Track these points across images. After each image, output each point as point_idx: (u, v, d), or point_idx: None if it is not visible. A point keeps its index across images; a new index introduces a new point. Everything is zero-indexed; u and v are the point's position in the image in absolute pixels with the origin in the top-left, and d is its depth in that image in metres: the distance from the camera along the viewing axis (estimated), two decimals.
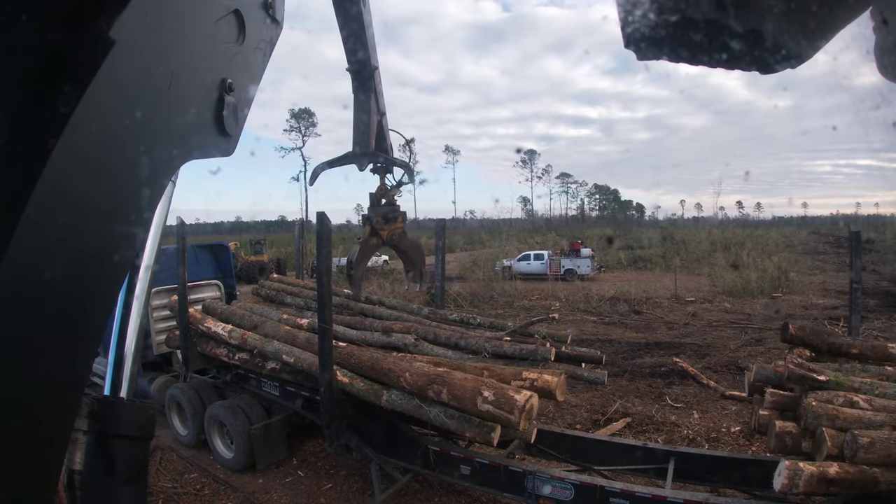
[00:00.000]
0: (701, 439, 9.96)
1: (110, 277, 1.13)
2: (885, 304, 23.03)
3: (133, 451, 1.56)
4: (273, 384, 9.06)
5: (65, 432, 1.13)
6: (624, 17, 1.15)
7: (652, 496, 5.92)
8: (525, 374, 6.48)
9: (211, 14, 1.28)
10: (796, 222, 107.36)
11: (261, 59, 1.54)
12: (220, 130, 1.35)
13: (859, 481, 4.97)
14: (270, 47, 1.59)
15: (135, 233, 1.13)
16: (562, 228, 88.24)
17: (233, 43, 1.38)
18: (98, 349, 1.13)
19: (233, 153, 1.43)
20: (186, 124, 1.26)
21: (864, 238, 46.46)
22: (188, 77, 1.23)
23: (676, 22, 1.09)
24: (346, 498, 8.35)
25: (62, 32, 0.85)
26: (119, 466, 1.52)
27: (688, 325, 20.71)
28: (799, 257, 43.43)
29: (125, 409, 1.58)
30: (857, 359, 7.05)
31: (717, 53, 1.12)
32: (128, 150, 1.06)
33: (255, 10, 1.46)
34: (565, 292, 29.05)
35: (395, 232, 7.33)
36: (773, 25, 1.07)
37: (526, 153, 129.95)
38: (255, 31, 1.46)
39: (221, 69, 1.35)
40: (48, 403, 1.04)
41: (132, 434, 1.55)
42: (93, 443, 1.47)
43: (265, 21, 1.52)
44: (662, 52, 1.17)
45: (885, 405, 5.73)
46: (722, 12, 1.05)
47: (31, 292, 0.92)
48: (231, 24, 1.36)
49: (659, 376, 13.85)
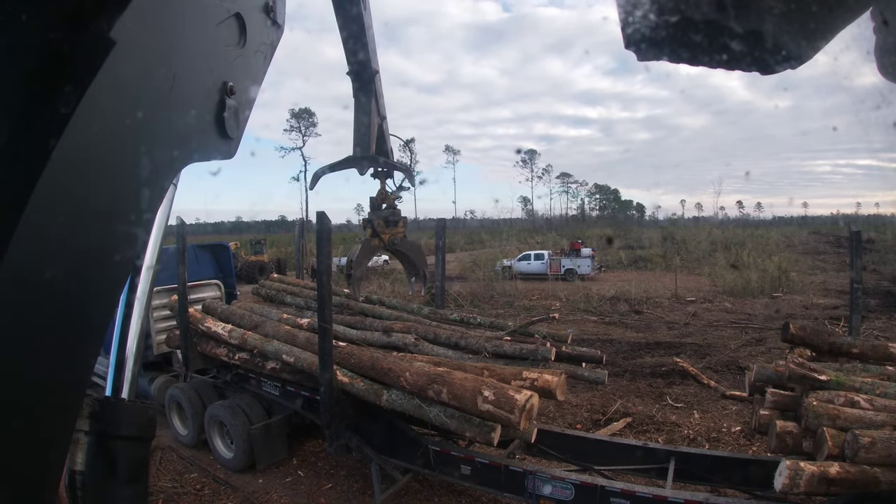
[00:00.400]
0: (701, 439, 9.97)
1: (111, 279, 1.14)
2: (886, 304, 23.02)
3: (134, 452, 1.57)
4: (273, 384, 9.06)
5: (66, 433, 1.13)
6: (624, 18, 1.15)
7: (652, 496, 5.93)
8: (525, 373, 6.47)
9: (212, 17, 1.28)
10: (797, 222, 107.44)
11: (262, 62, 1.54)
12: (221, 133, 1.35)
13: (860, 481, 4.97)
14: (271, 50, 1.60)
15: (136, 234, 1.13)
16: (562, 228, 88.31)
17: (234, 46, 1.38)
18: (100, 350, 1.13)
19: (234, 156, 1.43)
20: (188, 127, 1.26)
21: (865, 238, 46.41)
22: (189, 80, 1.24)
23: (677, 23, 1.08)
24: (347, 498, 8.35)
25: (63, 33, 0.84)
26: (120, 467, 1.53)
27: (688, 325, 20.72)
28: (799, 257, 43.42)
29: (126, 409, 1.60)
30: (857, 358, 7.07)
31: (718, 54, 1.12)
32: (129, 152, 1.07)
33: (257, 14, 1.47)
34: (565, 292, 29.07)
35: (396, 236, 7.35)
36: (773, 26, 1.07)
37: (526, 153, 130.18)
38: (256, 35, 1.46)
39: (223, 72, 1.35)
40: (49, 404, 1.05)
41: (133, 435, 1.56)
42: (94, 443, 1.48)
43: (266, 24, 1.53)
44: (663, 53, 1.17)
45: (886, 405, 5.74)
46: (722, 13, 1.05)
47: (32, 292, 0.92)
48: (232, 28, 1.37)
49: (659, 376, 13.86)
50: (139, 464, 1.59)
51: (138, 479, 1.58)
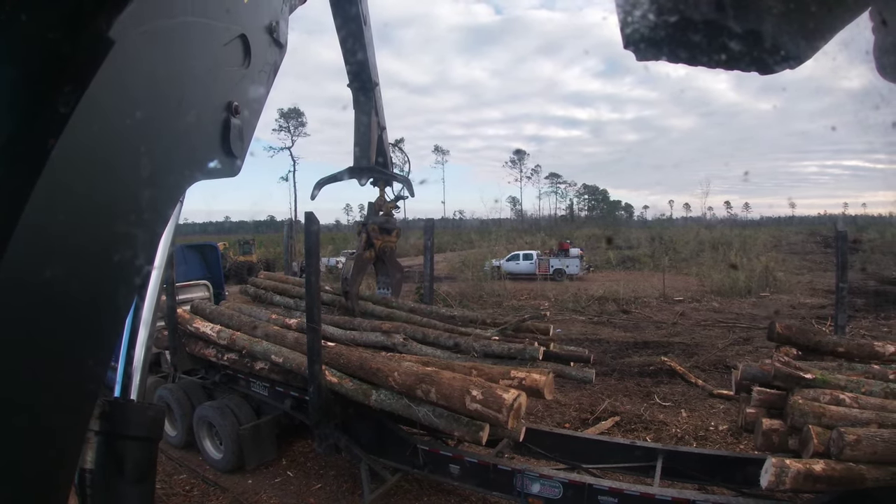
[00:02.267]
0: (689, 437, 10.03)
1: (122, 283, 1.16)
2: (873, 304, 23.21)
3: (142, 452, 1.60)
4: (262, 384, 9.02)
5: (79, 434, 1.15)
6: (623, 18, 1.17)
7: (640, 494, 5.95)
8: (513, 373, 6.49)
9: (219, 39, 1.30)
10: (784, 222, 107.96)
11: (265, 81, 1.57)
12: (227, 152, 1.38)
13: (845, 478, 5.00)
14: (274, 70, 1.63)
15: (146, 246, 1.18)
16: (551, 228, 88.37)
17: (239, 66, 1.41)
18: (112, 353, 1.15)
19: (238, 174, 1.46)
20: (194, 146, 1.28)
21: (852, 238, 46.74)
22: (197, 100, 1.26)
23: (676, 23, 1.10)
24: (336, 498, 8.35)
25: (62, 32, 0.84)
26: (128, 466, 1.56)
27: (676, 325, 20.84)
28: (787, 257, 43.72)
29: (135, 410, 1.62)
30: (843, 357, 7.12)
31: (717, 54, 1.14)
32: (139, 170, 1.08)
33: (260, 34, 1.49)
34: (554, 292, 29.14)
35: (388, 245, 7.37)
36: (772, 26, 1.08)
37: (515, 153, 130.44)
38: (259, 55, 1.49)
39: (228, 92, 1.38)
40: (60, 405, 1.06)
41: (141, 435, 1.59)
42: (103, 443, 1.51)
43: (269, 44, 1.56)
44: (662, 53, 1.19)
45: (872, 403, 5.78)
46: (721, 13, 1.07)
47: (36, 294, 0.93)
48: (237, 48, 1.39)
49: (647, 375, 13.94)
50: (147, 464, 1.62)
51: (146, 478, 1.61)
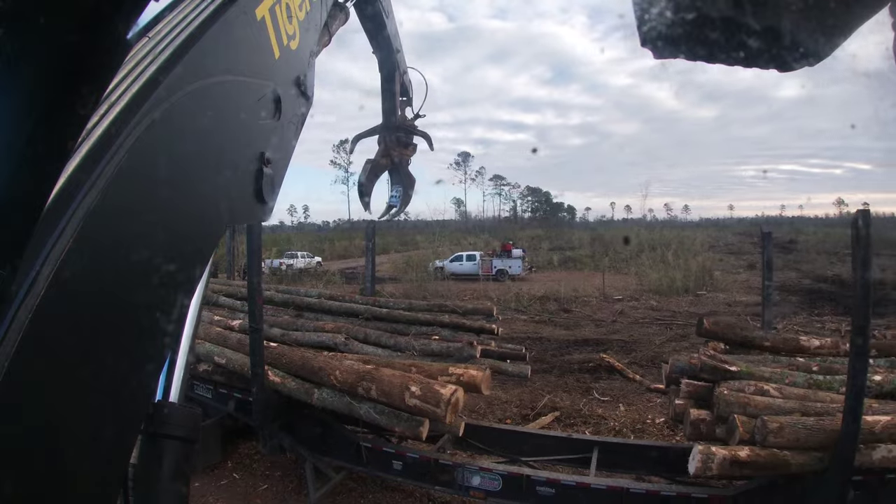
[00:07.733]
0: (627, 431, 10.23)
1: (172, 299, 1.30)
2: (807, 301, 24.03)
3: (181, 452, 1.69)
4: (206, 387, 8.95)
5: (130, 437, 1.27)
6: (640, 16, 1.18)
7: (576, 483, 6.17)
8: (451, 369, 6.66)
9: (253, 94, 1.43)
10: (723, 224, 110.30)
11: (294, 132, 1.69)
12: (259, 199, 1.50)
13: (770, 464, 5.29)
14: (302, 121, 1.75)
15: (192, 280, 1.35)
16: (495, 230, 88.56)
17: (270, 119, 1.53)
18: (166, 360, 1.28)
19: (268, 219, 1.61)
20: (232, 196, 1.41)
21: (787, 239, 48.09)
22: (234, 152, 1.38)
23: (693, 20, 1.10)
24: (282, 498, 8.32)
25: (80, 35, 0.83)
26: (167, 465, 1.65)
27: (615, 323, 21.21)
28: (724, 256, 44.55)
29: (176, 412, 1.71)
30: (769, 351, 7.45)
31: (735, 52, 1.16)
32: (184, 221, 1.25)
33: (290, 88, 1.62)
34: (497, 292, 29.13)
35: (405, 157, 7.39)
36: (790, 23, 1.10)
37: (460, 155, 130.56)
38: (289, 107, 1.61)
39: (261, 144, 1.49)
40: (114, 412, 1.18)
41: (181, 436, 1.69)
42: (146, 442, 1.61)
43: (297, 97, 1.69)
44: (679, 51, 1.21)
45: (795, 393, 6.09)
46: (739, 10, 1.08)
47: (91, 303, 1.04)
48: (269, 102, 1.51)
49: (587, 372, 14.17)
50: (185, 463, 1.72)
51: (184, 476, 1.70)
